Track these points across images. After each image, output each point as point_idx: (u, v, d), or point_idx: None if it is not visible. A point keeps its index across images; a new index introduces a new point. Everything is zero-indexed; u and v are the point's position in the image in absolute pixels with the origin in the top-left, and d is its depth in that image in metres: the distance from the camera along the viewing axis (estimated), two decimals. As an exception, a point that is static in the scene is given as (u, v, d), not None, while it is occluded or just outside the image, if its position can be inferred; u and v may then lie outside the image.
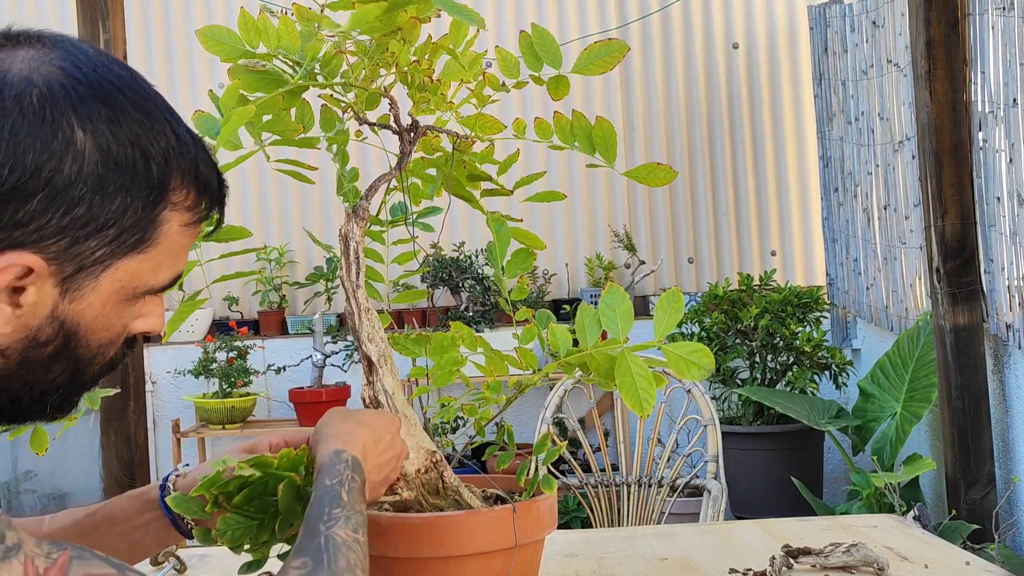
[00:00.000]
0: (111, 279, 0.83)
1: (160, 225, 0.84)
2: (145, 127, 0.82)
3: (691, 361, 1.18)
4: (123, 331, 0.87)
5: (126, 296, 0.85)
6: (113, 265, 0.82)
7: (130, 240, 0.82)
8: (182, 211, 0.85)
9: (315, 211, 5.17)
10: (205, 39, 1.13)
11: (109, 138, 0.79)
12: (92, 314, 0.83)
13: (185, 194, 0.85)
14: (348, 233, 1.25)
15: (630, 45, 5.26)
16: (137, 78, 0.85)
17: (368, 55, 1.15)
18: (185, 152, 0.85)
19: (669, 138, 5.32)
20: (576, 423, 2.76)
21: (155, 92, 0.86)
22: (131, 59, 4.08)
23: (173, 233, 0.85)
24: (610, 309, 1.21)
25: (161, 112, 0.84)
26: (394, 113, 1.25)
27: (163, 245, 0.85)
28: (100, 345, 0.85)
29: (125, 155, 0.80)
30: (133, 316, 0.88)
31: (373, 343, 1.24)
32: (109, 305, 0.84)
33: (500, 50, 1.23)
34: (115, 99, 0.81)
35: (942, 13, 3.35)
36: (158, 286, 0.87)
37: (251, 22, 1.11)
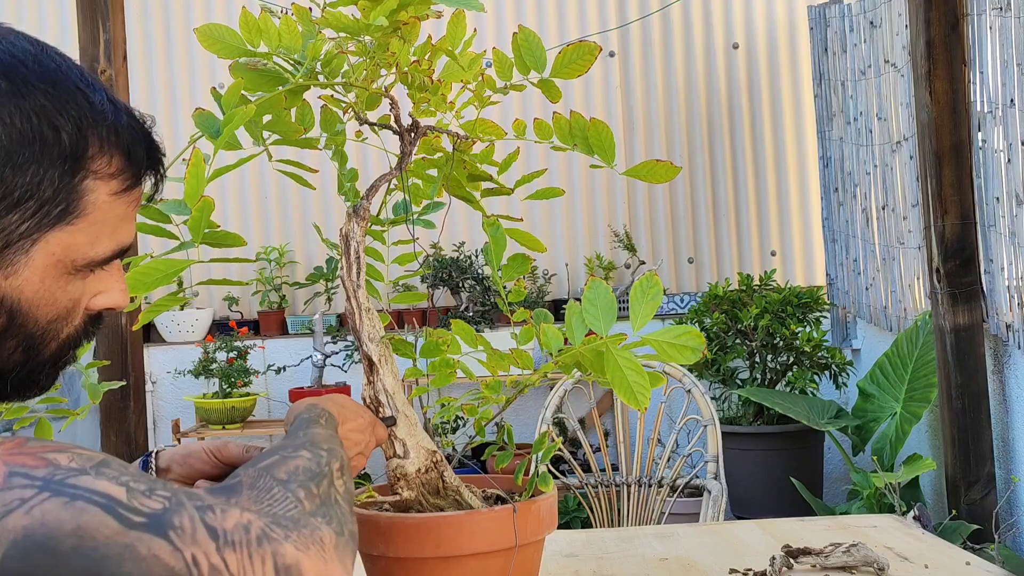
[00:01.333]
0: (44, 252, 0.83)
1: (84, 195, 0.84)
2: (51, 97, 0.82)
3: (680, 345, 1.16)
4: (74, 305, 0.88)
5: (65, 269, 0.85)
6: (43, 239, 0.82)
7: (54, 212, 0.82)
8: (106, 179, 0.85)
9: (315, 211, 5.17)
10: (204, 37, 1.13)
11: (12, 111, 0.79)
12: (31, 289, 0.83)
13: (107, 161, 0.85)
14: (349, 233, 1.25)
15: (630, 45, 5.30)
16: (48, 52, 0.86)
17: (369, 55, 1.15)
18: (101, 119, 0.85)
19: (669, 138, 5.32)
20: (576, 423, 2.76)
21: (69, 64, 0.86)
22: (131, 59, 4.09)
23: (102, 203, 0.85)
24: (592, 305, 1.20)
25: (72, 82, 0.84)
26: (395, 113, 1.25)
27: (94, 216, 0.85)
28: (49, 320, 0.86)
29: (31, 127, 0.80)
30: (88, 291, 0.88)
31: (374, 343, 1.24)
32: (49, 279, 0.84)
33: (496, 52, 1.23)
34: (17, 72, 0.81)
35: (942, 13, 3.35)
36: (99, 257, 0.87)
37: (252, 21, 1.11)
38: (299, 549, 0.76)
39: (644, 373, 1.15)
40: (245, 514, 0.76)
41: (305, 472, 0.87)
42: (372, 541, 1.23)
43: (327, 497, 0.85)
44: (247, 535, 0.74)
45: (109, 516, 0.71)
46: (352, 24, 1.11)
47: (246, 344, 4.54)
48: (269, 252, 5.02)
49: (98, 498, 0.71)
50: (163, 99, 5.15)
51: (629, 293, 1.18)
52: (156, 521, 0.72)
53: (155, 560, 0.70)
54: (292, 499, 0.82)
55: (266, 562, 0.74)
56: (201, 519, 0.74)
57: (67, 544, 0.68)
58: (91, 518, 0.70)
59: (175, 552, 0.71)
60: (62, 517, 0.69)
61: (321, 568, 0.76)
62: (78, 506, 0.70)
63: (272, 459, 0.88)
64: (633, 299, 1.18)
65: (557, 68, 1.21)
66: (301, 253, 5.18)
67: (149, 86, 5.14)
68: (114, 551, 0.69)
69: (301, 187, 5.29)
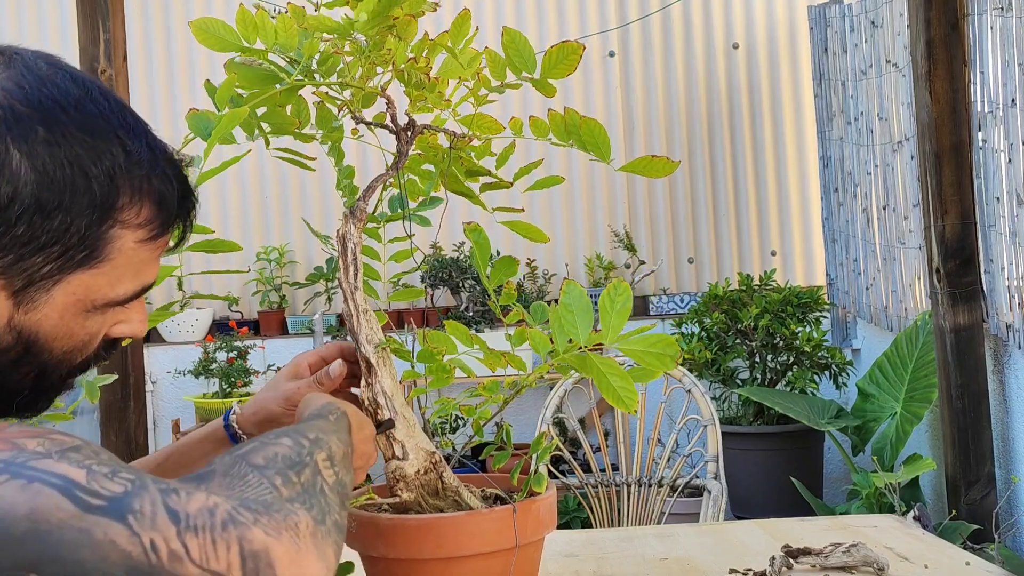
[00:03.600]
0: (64, 292, 0.84)
1: (110, 242, 0.84)
2: (87, 146, 0.82)
3: (656, 353, 1.16)
4: (90, 339, 0.88)
5: (85, 308, 0.86)
6: (64, 280, 0.83)
7: (77, 257, 0.83)
8: (134, 228, 0.85)
9: (315, 211, 5.17)
10: (199, 31, 1.13)
11: (46, 159, 0.80)
12: (50, 324, 0.84)
13: (137, 211, 0.85)
14: (346, 235, 1.25)
15: (630, 45, 5.29)
16: (93, 95, 0.85)
17: (364, 53, 1.15)
18: (135, 169, 0.85)
19: (669, 138, 5.32)
20: (576, 423, 2.76)
21: (113, 107, 0.86)
22: (131, 59, 4.09)
23: (128, 249, 0.86)
24: (568, 310, 1.20)
25: (112, 129, 0.84)
26: (391, 112, 1.25)
27: (118, 261, 0.85)
28: (65, 352, 0.87)
29: (63, 175, 0.81)
30: (106, 323, 0.89)
31: (371, 344, 1.24)
32: (68, 316, 0.85)
33: (489, 51, 1.23)
34: (56, 119, 0.81)
35: (942, 13, 3.35)
36: (120, 298, 0.88)
37: (249, 18, 1.11)
38: (269, 534, 0.71)
39: (627, 376, 1.15)
40: (212, 497, 0.72)
41: (284, 460, 0.81)
42: (372, 543, 1.23)
43: (310, 485, 0.80)
44: (211, 519, 0.70)
45: (65, 499, 0.69)
46: (337, 26, 1.11)
47: (246, 344, 4.54)
48: (269, 252, 5.02)
49: (56, 480, 0.69)
50: (163, 99, 5.15)
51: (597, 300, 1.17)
52: (115, 504, 0.69)
53: (111, 545, 0.68)
54: (267, 485, 0.77)
55: (231, 547, 0.70)
56: (163, 502, 0.71)
57: (20, 528, 0.67)
58: (46, 500, 0.68)
59: (132, 537, 0.68)
60: (16, 500, 0.68)
61: (294, 556, 0.71)
62: (34, 488, 0.68)
63: (251, 446, 0.83)
64: (602, 308, 1.18)
65: (546, 69, 1.21)
66: (301, 253, 5.18)
67: (149, 86, 5.13)
68: (69, 536, 0.67)
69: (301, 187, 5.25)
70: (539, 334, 1.22)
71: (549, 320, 1.21)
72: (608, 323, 1.17)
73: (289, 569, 0.71)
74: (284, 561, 0.71)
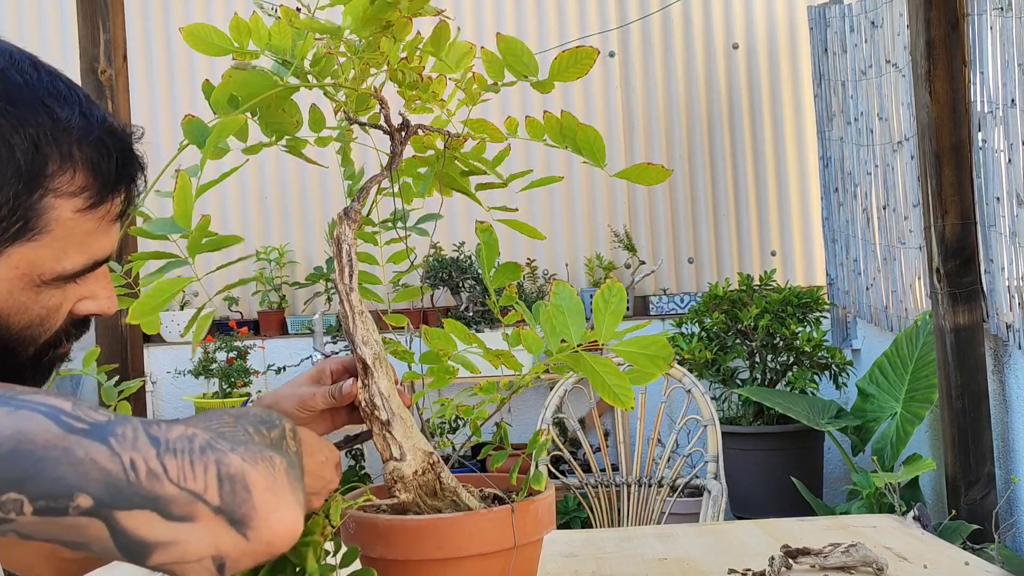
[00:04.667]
0: (6, 266, 0.83)
1: (45, 212, 0.83)
2: (8, 114, 0.81)
3: (649, 355, 1.16)
4: (48, 313, 0.87)
5: (33, 283, 0.85)
6: (3, 254, 0.82)
7: (12, 229, 0.82)
8: (68, 196, 0.84)
9: (315, 211, 5.17)
10: (190, 37, 1.13)
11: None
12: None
13: (70, 178, 0.84)
14: (341, 236, 1.25)
15: (630, 45, 5.29)
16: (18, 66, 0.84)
17: (358, 54, 1.15)
18: (63, 136, 0.83)
19: (669, 138, 5.32)
20: (576, 423, 2.76)
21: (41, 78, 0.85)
22: (131, 59, 4.09)
23: (66, 219, 0.84)
24: (559, 311, 1.19)
25: (37, 98, 0.83)
26: (384, 113, 1.25)
27: (57, 232, 0.84)
28: (23, 327, 0.86)
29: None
30: (70, 297, 0.88)
31: (368, 346, 1.24)
32: (16, 291, 0.84)
33: (485, 51, 1.23)
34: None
35: (942, 13, 3.35)
36: (68, 271, 0.86)
37: (242, 23, 1.11)
38: (245, 460, 0.73)
39: (621, 374, 1.15)
40: (191, 428, 0.74)
41: (255, 417, 0.82)
42: (371, 543, 1.23)
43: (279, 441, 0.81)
44: (190, 444, 0.72)
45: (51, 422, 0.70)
46: (327, 27, 1.11)
47: (246, 344, 4.55)
48: (269, 252, 5.02)
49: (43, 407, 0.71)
50: (163, 99, 5.15)
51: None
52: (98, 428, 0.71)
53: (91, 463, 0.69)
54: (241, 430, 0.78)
55: (208, 469, 0.71)
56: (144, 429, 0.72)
57: (5, 447, 0.68)
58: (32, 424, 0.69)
59: (113, 456, 0.70)
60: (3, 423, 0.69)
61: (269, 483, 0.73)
62: (22, 414, 0.70)
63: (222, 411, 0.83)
64: (596, 309, 1.18)
65: (555, 72, 1.21)
66: (301, 253, 5.18)
67: (149, 86, 5.14)
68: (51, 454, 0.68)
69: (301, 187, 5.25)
70: (533, 334, 1.22)
71: (541, 319, 1.21)
72: (602, 323, 1.17)
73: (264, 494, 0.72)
74: (260, 486, 0.72)
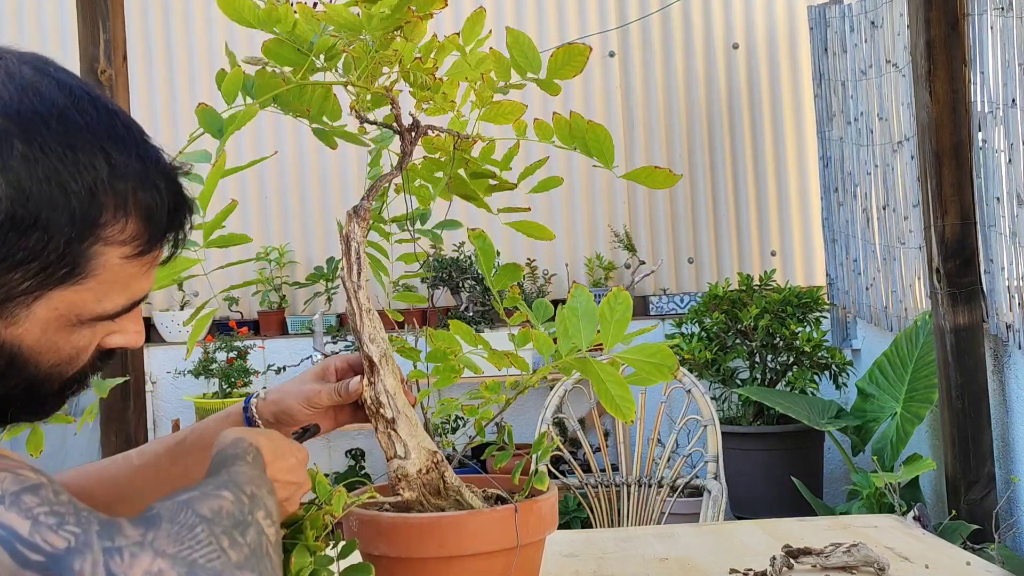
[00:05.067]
0: (46, 307, 0.81)
1: (93, 258, 0.81)
2: (67, 160, 0.78)
3: (654, 363, 1.16)
4: (78, 352, 0.86)
5: (70, 323, 0.83)
6: (45, 296, 0.80)
7: (58, 274, 0.80)
8: (118, 244, 0.82)
9: (315, 211, 5.17)
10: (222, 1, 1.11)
11: (22, 175, 0.76)
12: (32, 338, 0.82)
13: (121, 228, 0.82)
14: (350, 234, 1.25)
15: (630, 45, 5.29)
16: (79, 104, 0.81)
17: (370, 53, 1.15)
18: (120, 184, 0.81)
19: (669, 138, 5.32)
20: (576, 423, 2.76)
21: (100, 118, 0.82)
22: (131, 59, 4.09)
23: (113, 265, 0.82)
24: (574, 315, 1.20)
25: (97, 141, 0.80)
26: (395, 112, 1.25)
27: (103, 276, 0.82)
28: (51, 365, 0.84)
29: (39, 192, 0.77)
30: (96, 335, 0.87)
31: (374, 343, 1.24)
32: (51, 331, 0.82)
33: (494, 52, 1.23)
34: (35, 132, 0.78)
35: (942, 13, 3.35)
36: (108, 313, 0.85)
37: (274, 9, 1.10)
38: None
39: (624, 384, 1.16)
40: (157, 561, 0.70)
41: (229, 517, 0.79)
42: (374, 541, 1.23)
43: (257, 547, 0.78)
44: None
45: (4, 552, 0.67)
46: (355, 20, 1.11)
47: (246, 344, 4.55)
48: (269, 252, 5.02)
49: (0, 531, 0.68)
50: (163, 99, 5.15)
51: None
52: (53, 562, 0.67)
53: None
54: (215, 546, 0.74)
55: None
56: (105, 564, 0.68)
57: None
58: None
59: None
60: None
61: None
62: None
63: (193, 494, 0.80)
64: (602, 318, 1.18)
65: (552, 70, 1.22)
66: (301, 253, 5.18)
67: (149, 86, 5.13)
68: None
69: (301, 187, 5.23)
70: (544, 336, 1.23)
71: (556, 321, 1.21)
72: (608, 332, 1.17)
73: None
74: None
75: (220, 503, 0.80)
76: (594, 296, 1.35)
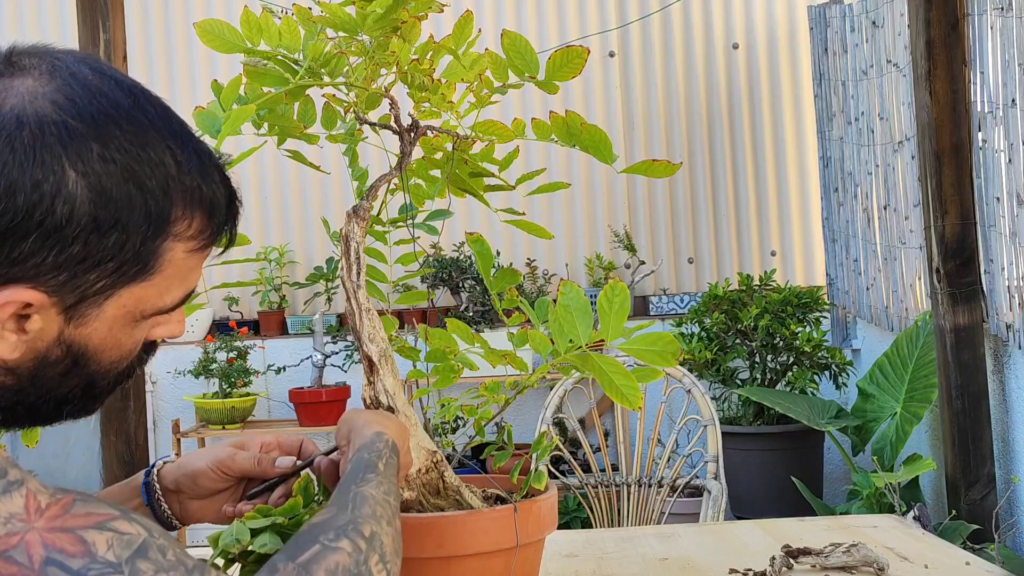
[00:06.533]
0: (115, 305, 0.83)
1: (163, 255, 0.83)
2: (141, 160, 0.80)
3: (656, 351, 1.17)
4: (135, 347, 0.88)
5: (134, 319, 0.85)
6: (116, 293, 0.82)
7: (131, 271, 0.82)
8: (186, 239, 0.84)
9: (315, 211, 5.17)
10: (203, 33, 1.13)
11: (102, 176, 0.78)
12: (99, 337, 0.83)
13: (188, 223, 0.84)
14: (349, 234, 1.25)
15: (630, 45, 5.29)
16: (140, 102, 0.83)
17: (368, 55, 1.16)
18: (187, 179, 0.83)
19: (669, 138, 5.32)
20: (576, 423, 2.76)
21: (159, 113, 0.84)
22: (131, 59, 4.09)
23: (178, 260, 0.84)
24: (567, 311, 1.20)
25: (162, 139, 0.82)
26: (394, 113, 1.26)
27: (168, 271, 0.84)
28: (112, 362, 0.86)
29: (119, 192, 0.78)
30: (148, 329, 0.88)
31: (374, 343, 1.24)
32: (116, 328, 0.84)
33: (490, 53, 1.23)
34: (110, 134, 0.79)
35: (942, 13, 3.35)
36: (167, 306, 0.87)
37: (253, 20, 1.11)
38: None
39: (629, 374, 1.16)
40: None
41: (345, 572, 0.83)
42: (372, 541, 1.23)
43: None
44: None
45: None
46: (350, 20, 1.11)
47: (246, 344, 4.55)
48: (269, 252, 5.02)
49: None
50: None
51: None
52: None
53: None
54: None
55: None
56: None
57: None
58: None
59: None
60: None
61: None
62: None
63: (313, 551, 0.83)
64: (600, 310, 1.18)
65: (551, 72, 1.22)
66: (301, 253, 5.18)
67: (149, 86, 5.12)
68: None
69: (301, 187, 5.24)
70: (540, 335, 1.23)
71: (549, 320, 1.21)
72: (607, 324, 1.17)
73: None
74: None
75: (336, 559, 0.83)
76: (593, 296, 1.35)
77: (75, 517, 0.72)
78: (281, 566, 0.81)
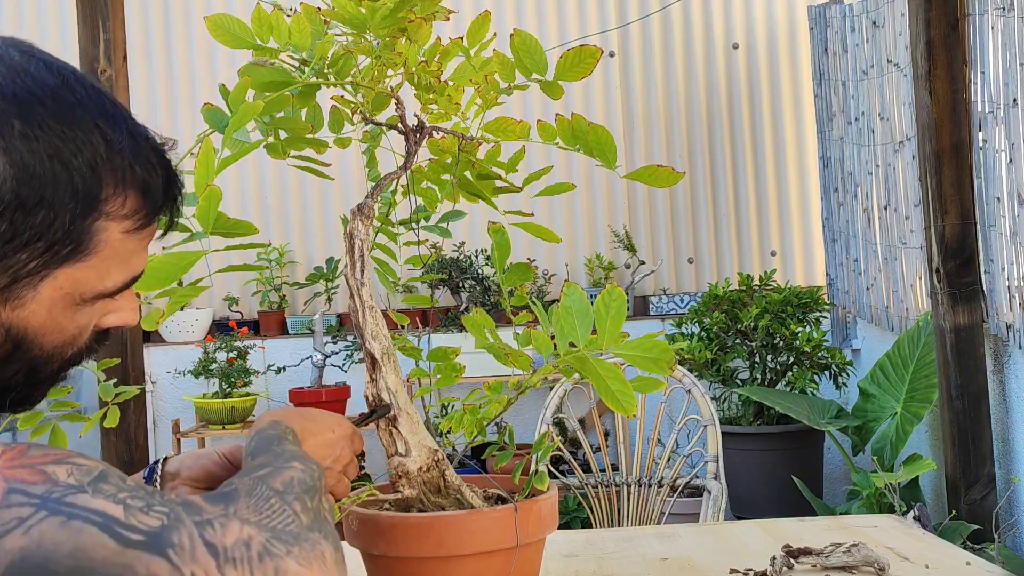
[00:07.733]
0: (52, 287, 0.82)
1: (96, 234, 0.82)
2: (65, 138, 0.79)
3: (652, 358, 1.17)
4: (80, 331, 0.87)
5: (73, 301, 0.84)
6: (51, 275, 0.81)
7: (63, 251, 0.81)
8: (120, 219, 0.83)
9: (315, 211, 5.17)
10: (214, 27, 1.13)
11: (24, 154, 0.77)
12: (38, 320, 0.83)
13: (122, 202, 0.83)
14: (353, 231, 1.25)
15: (630, 45, 5.29)
16: (69, 83, 0.82)
17: (376, 55, 1.16)
18: (117, 159, 0.82)
19: (669, 138, 5.32)
20: (576, 423, 2.76)
21: (90, 96, 0.83)
22: (131, 59, 4.09)
23: (114, 240, 0.84)
24: (568, 313, 1.20)
25: (91, 118, 0.82)
26: (400, 114, 1.26)
27: (105, 253, 0.83)
28: (55, 346, 0.86)
29: (42, 168, 0.78)
30: (95, 314, 0.88)
31: (376, 341, 1.24)
32: (56, 311, 0.84)
33: (497, 53, 1.23)
34: (32, 111, 0.79)
35: (942, 13, 3.35)
36: (110, 290, 0.86)
37: (264, 17, 1.11)
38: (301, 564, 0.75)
39: (625, 380, 1.16)
40: (245, 528, 0.76)
41: (300, 484, 0.85)
42: (373, 540, 1.23)
43: (318, 512, 0.84)
44: (248, 551, 0.74)
45: (106, 535, 0.70)
46: (358, 16, 1.11)
47: (246, 344, 4.55)
48: (269, 252, 5.02)
49: (95, 517, 0.70)
50: (163, 99, 5.15)
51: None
52: (154, 539, 0.71)
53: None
54: (289, 512, 0.80)
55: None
56: (200, 535, 0.73)
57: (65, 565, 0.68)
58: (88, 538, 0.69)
59: (174, 571, 0.71)
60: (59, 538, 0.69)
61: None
62: (75, 526, 0.70)
63: (266, 469, 0.86)
64: (597, 314, 1.18)
65: (560, 71, 1.22)
66: (301, 253, 5.18)
67: (149, 86, 5.13)
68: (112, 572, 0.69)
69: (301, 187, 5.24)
70: (543, 335, 1.23)
71: (551, 320, 1.22)
72: (604, 328, 1.17)
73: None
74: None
75: (291, 474, 0.86)
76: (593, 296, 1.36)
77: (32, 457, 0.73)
78: (237, 479, 0.83)
